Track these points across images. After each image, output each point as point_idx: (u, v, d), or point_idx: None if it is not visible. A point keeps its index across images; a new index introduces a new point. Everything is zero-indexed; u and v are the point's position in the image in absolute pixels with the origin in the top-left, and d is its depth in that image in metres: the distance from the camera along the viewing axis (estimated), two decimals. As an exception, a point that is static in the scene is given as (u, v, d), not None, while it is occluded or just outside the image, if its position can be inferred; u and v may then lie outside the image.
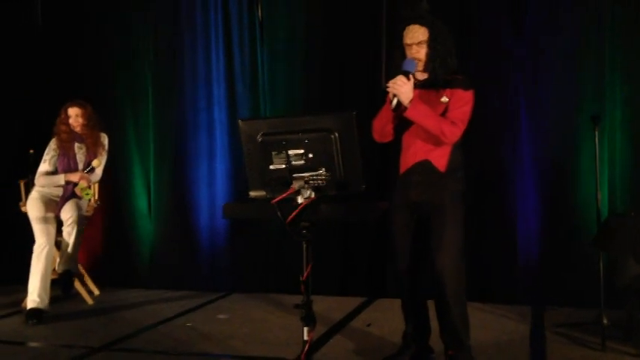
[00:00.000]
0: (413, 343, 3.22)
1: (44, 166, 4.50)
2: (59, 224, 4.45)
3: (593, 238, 3.71)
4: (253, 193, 2.50)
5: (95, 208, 4.86)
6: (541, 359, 3.33)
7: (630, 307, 3.54)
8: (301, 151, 2.35)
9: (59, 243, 4.48)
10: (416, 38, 2.98)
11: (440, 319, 3.08)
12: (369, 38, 4.83)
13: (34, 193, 4.47)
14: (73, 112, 4.55)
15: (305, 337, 2.41)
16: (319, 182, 2.35)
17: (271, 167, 2.40)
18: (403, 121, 3.02)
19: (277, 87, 5.09)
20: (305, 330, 2.41)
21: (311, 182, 2.35)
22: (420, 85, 3.02)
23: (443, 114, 2.97)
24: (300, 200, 2.34)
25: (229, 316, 4.33)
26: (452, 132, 2.93)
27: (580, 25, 4.37)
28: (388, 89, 2.93)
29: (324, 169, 2.34)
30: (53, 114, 4.62)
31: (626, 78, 4.33)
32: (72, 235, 4.36)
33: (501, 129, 4.53)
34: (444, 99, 2.99)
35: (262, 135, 2.40)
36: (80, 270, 4.83)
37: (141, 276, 5.38)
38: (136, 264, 5.42)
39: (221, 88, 5.22)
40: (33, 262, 4.24)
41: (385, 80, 2.99)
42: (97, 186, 4.88)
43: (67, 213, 4.37)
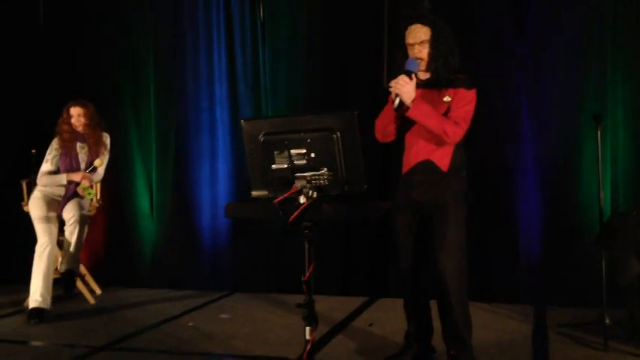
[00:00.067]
0: (415, 343, 3.21)
1: (46, 166, 4.50)
2: (61, 224, 4.46)
3: (595, 237, 3.70)
4: (255, 193, 2.50)
5: (97, 208, 4.87)
6: (543, 359, 3.32)
7: (632, 307, 3.53)
8: (303, 151, 2.34)
9: (61, 242, 4.48)
10: (418, 38, 2.98)
11: (442, 319, 3.07)
12: (371, 37, 4.82)
13: (37, 193, 4.47)
14: (75, 112, 4.55)
15: (307, 337, 2.41)
16: (321, 182, 2.34)
17: (273, 167, 2.40)
18: (405, 121, 3.01)
19: (279, 86, 5.09)
20: (307, 330, 2.40)
21: (313, 182, 2.35)
22: (423, 85, 3.02)
23: (445, 113, 2.96)
24: (302, 200, 2.34)
25: (231, 316, 4.33)
26: (454, 132, 2.92)
27: (582, 24, 4.37)
28: (390, 89, 2.92)
29: (326, 169, 2.34)
30: (55, 114, 4.62)
31: (628, 77, 4.32)
32: (74, 235, 4.37)
33: (503, 128, 4.53)
34: (447, 98, 2.97)
35: (264, 135, 2.39)
36: (82, 269, 4.84)
37: (143, 275, 5.39)
38: (138, 263, 5.42)
39: (223, 88, 5.22)
40: (35, 262, 4.25)
41: (387, 80, 2.98)
42: (99, 186, 4.89)
43: (69, 212, 4.38)
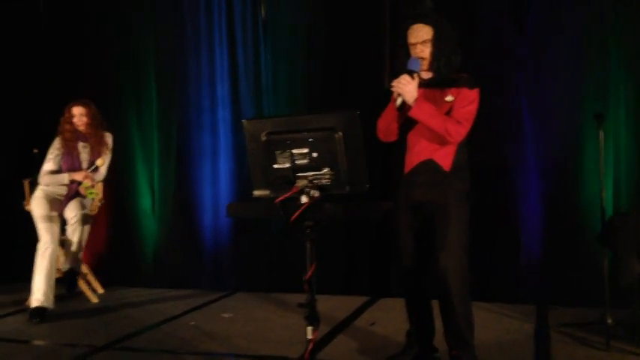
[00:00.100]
0: (417, 343, 3.21)
1: (48, 165, 4.51)
2: (63, 223, 4.46)
3: (597, 237, 3.70)
4: (257, 193, 2.50)
5: (99, 207, 4.87)
6: (545, 359, 3.32)
7: (635, 307, 3.53)
8: (305, 151, 2.34)
9: (63, 242, 4.49)
10: (420, 37, 2.97)
11: (444, 319, 3.06)
12: (373, 37, 4.82)
13: (39, 192, 4.47)
14: (77, 112, 4.55)
15: (309, 336, 2.41)
16: (323, 182, 2.34)
17: (275, 166, 2.40)
18: (408, 121, 3.01)
19: (280, 86, 5.09)
20: (309, 329, 2.40)
21: (315, 181, 2.35)
22: (425, 84, 3.01)
23: (448, 113, 2.95)
24: (303, 199, 2.34)
25: (233, 315, 4.33)
26: (457, 131, 2.92)
27: (582, 24, 4.36)
28: (392, 88, 2.92)
29: (328, 169, 2.34)
30: (56, 113, 4.63)
31: (629, 76, 4.31)
32: (76, 234, 4.38)
33: (504, 128, 4.52)
34: (449, 98, 2.97)
35: (266, 134, 2.39)
36: (84, 269, 4.84)
37: (145, 275, 5.39)
38: (140, 263, 5.42)
39: (224, 88, 5.22)
40: (37, 261, 4.25)
41: (389, 79, 2.98)
42: (102, 185, 4.90)
43: (71, 212, 4.39)
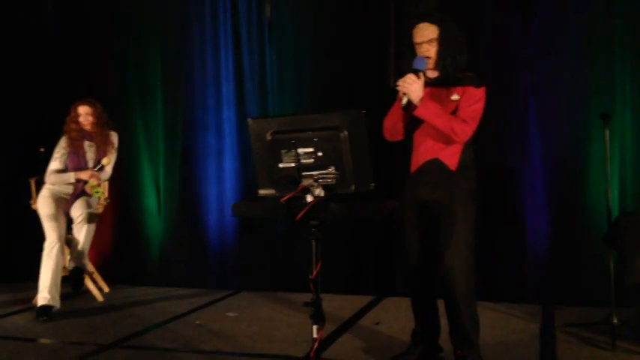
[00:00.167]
0: (422, 342, 3.21)
1: (54, 164, 4.52)
2: (69, 222, 4.48)
3: (602, 237, 3.69)
4: (262, 192, 2.50)
5: (105, 206, 4.88)
6: (551, 359, 3.31)
7: (640, 307, 3.53)
8: (311, 150, 2.34)
9: (69, 240, 4.51)
10: (426, 36, 2.96)
11: (449, 319, 3.05)
12: (378, 36, 4.81)
13: (45, 191, 4.49)
14: (83, 111, 4.57)
15: (314, 335, 2.41)
16: (328, 181, 2.35)
17: (280, 165, 2.40)
18: (414, 120, 3.00)
19: (286, 85, 5.09)
20: (314, 328, 2.41)
21: (320, 180, 2.35)
22: (431, 83, 3.01)
23: (454, 112, 2.94)
24: (309, 199, 2.34)
25: (238, 314, 4.34)
26: (463, 130, 2.90)
27: (588, 24, 4.34)
28: (398, 88, 2.91)
29: (334, 168, 2.34)
30: (62, 113, 4.64)
31: (636, 76, 4.29)
32: (82, 233, 4.40)
33: (510, 128, 4.51)
34: (455, 97, 2.96)
35: (271, 133, 2.40)
36: (90, 267, 4.86)
37: (150, 274, 5.40)
38: (146, 262, 5.44)
39: (230, 87, 5.23)
40: (43, 260, 4.26)
41: (395, 79, 2.97)
42: (107, 184, 4.91)
43: (77, 211, 4.40)
